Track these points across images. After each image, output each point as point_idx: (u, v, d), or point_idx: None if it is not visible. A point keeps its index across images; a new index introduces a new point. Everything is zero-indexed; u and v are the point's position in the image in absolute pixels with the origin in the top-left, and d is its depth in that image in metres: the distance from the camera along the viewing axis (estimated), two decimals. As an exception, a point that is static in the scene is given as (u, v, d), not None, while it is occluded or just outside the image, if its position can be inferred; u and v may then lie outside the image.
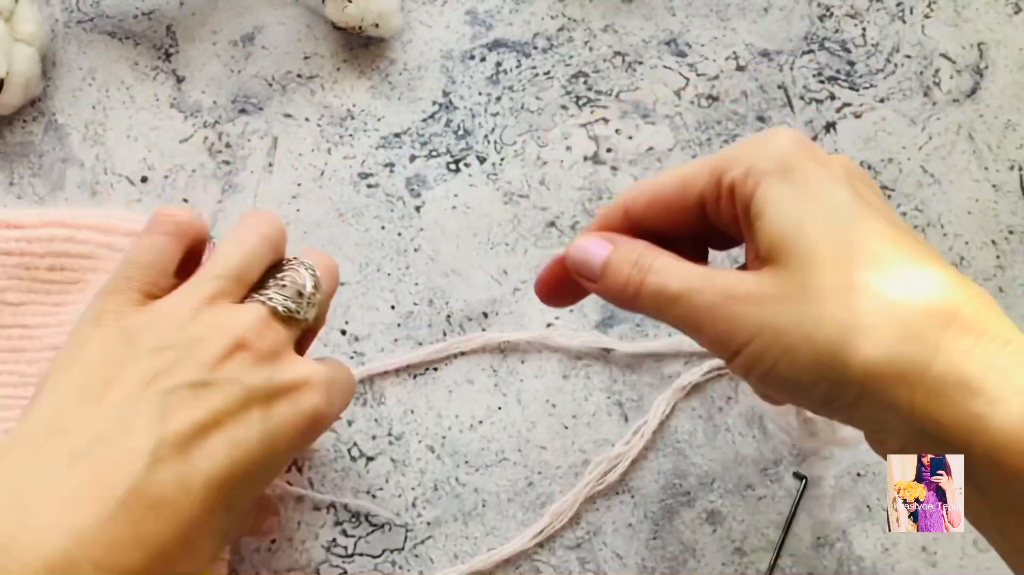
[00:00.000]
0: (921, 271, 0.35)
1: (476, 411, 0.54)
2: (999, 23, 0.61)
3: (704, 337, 0.37)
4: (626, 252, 0.39)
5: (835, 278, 0.35)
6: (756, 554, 0.52)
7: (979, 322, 0.34)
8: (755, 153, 0.38)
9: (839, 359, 0.34)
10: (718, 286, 0.37)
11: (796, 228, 0.36)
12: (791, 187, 0.37)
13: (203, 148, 0.58)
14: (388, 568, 0.52)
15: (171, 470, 0.35)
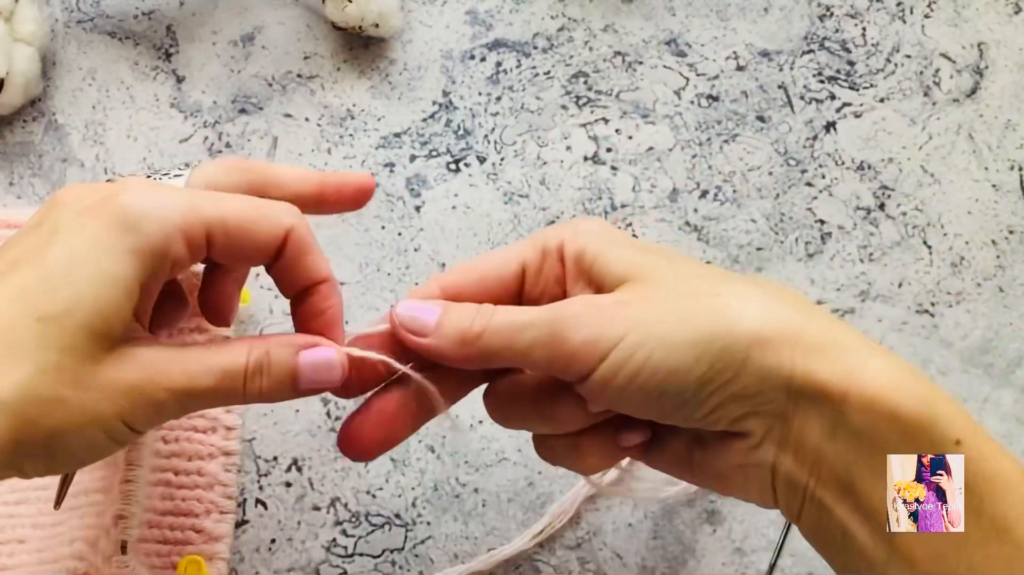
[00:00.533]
0: (772, 285, 0.39)
1: (476, 411, 0.54)
2: (999, 23, 0.61)
3: (566, 347, 0.37)
4: (463, 306, 0.39)
5: (697, 281, 0.38)
6: (756, 554, 0.52)
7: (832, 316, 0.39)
8: (575, 225, 0.41)
9: (723, 328, 0.36)
10: (578, 300, 0.38)
11: (641, 259, 0.38)
12: (620, 241, 0.40)
13: (203, 148, 0.58)
14: (388, 568, 0.52)
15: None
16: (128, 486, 0.47)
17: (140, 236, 0.36)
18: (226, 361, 0.38)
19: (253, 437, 0.54)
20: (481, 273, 0.41)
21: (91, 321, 0.36)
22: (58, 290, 0.36)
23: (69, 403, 0.35)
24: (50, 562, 0.49)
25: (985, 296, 0.57)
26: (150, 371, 0.36)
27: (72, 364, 0.35)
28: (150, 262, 0.37)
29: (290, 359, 0.38)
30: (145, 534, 0.49)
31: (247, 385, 0.38)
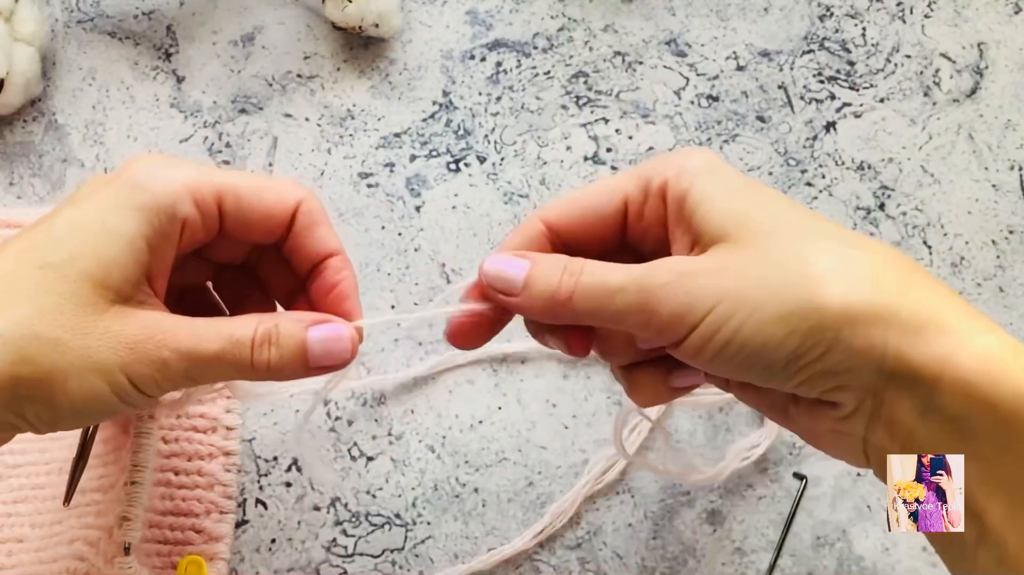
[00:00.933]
0: (870, 240, 0.37)
1: (476, 411, 0.54)
2: (999, 23, 0.61)
3: (657, 319, 0.36)
4: (550, 261, 0.38)
5: (793, 244, 0.36)
6: (756, 554, 0.52)
7: (932, 280, 0.36)
8: (680, 160, 0.39)
9: (815, 305, 0.34)
10: (667, 268, 0.36)
11: (742, 209, 0.37)
12: (724, 182, 0.38)
13: (203, 148, 0.58)
14: (388, 568, 0.52)
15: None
16: (133, 487, 0.47)
17: (146, 193, 0.37)
18: (234, 328, 0.38)
19: (253, 437, 0.54)
20: (583, 208, 0.40)
21: (92, 271, 0.36)
22: (61, 243, 0.37)
23: (68, 346, 0.36)
24: (49, 562, 0.49)
25: (985, 296, 0.56)
26: (155, 329, 0.37)
27: (72, 309, 0.36)
28: (156, 218, 0.37)
29: (299, 333, 0.38)
30: (145, 534, 0.49)
31: (255, 355, 0.38)
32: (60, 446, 0.52)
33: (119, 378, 0.36)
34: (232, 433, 0.53)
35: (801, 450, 0.53)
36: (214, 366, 0.38)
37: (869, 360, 0.34)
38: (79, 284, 0.36)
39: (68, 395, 0.36)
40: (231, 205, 0.39)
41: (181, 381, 0.38)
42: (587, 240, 0.41)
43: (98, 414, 0.38)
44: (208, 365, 0.37)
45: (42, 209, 0.56)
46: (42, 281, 0.36)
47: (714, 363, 0.36)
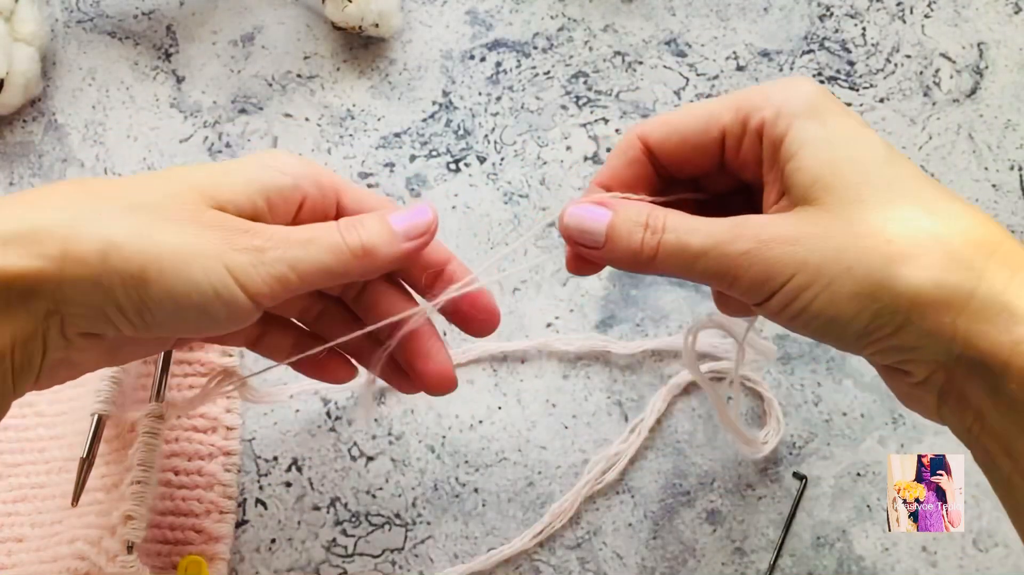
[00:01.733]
0: (958, 208, 0.36)
1: (476, 411, 0.54)
2: (999, 23, 0.61)
3: (740, 284, 0.37)
4: (631, 214, 0.38)
5: (876, 213, 0.35)
6: (756, 554, 0.52)
7: (1017, 256, 0.35)
8: (783, 95, 0.38)
9: (886, 287, 0.34)
10: (749, 233, 0.36)
11: (833, 168, 0.36)
12: (823, 129, 0.37)
13: (203, 148, 0.58)
14: (388, 568, 0.52)
15: None
16: (139, 487, 0.47)
17: (274, 161, 0.39)
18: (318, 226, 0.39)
19: (253, 437, 0.54)
20: (683, 134, 0.40)
21: (202, 183, 0.37)
22: (185, 169, 0.39)
23: (167, 227, 0.36)
24: (49, 561, 0.49)
25: (985, 296, 0.56)
26: (249, 223, 0.38)
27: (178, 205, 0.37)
28: (278, 177, 0.39)
29: (378, 215, 0.40)
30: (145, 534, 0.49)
31: (345, 235, 0.38)
32: (60, 445, 0.52)
33: (217, 267, 0.36)
34: (232, 433, 0.53)
35: (801, 450, 0.53)
36: (308, 248, 0.38)
37: (939, 342, 0.35)
38: (184, 187, 0.37)
39: (162, 275, 0.36)
40: (349, 201, 0.41)
41: (278, 268, 0.37)
42: (685, 162, 0.41)
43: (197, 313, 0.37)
44: (304, 248, 0.38)
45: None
46: (156, 185, 0.37)
47: (792, 326, 0.37)
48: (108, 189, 0.37)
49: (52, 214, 0.35)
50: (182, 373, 0.53)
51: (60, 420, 0.52)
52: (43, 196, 0.37)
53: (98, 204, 0.36)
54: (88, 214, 0.36)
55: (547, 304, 0.56)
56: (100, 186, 0.38)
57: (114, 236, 0.35)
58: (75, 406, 0.51)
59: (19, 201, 0.37)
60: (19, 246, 0.35)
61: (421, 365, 0.43)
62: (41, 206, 0.36)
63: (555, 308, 0.56)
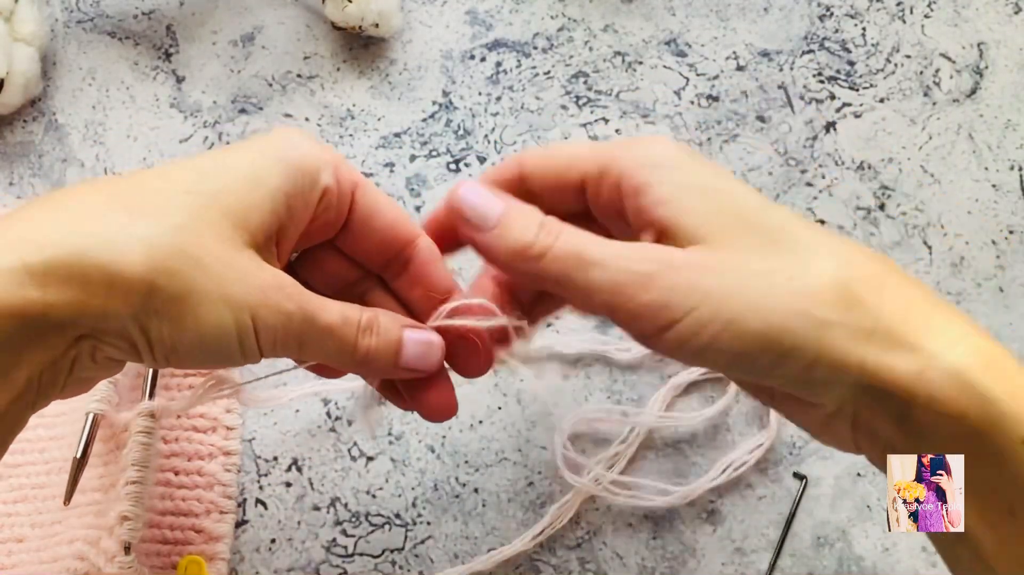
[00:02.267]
0: (845, 246, 0.37)
1: (476, 411, 0.54)
2: (999, 23, 0.61)
3: (632, 307, 0.35)
4: (529, 210, 0.38)
5: (772, 255, 0.36)
6: (756, 554, 0.52)
7: (909, 287, 0.36)
8: (639, 152, 0.38)
9: (792, 324, 0.35)
10: (653, 256, 0.36)
11: (719, 209, 0.36)
12: (688, 177, 0.37)
13: (203, 148, 0.58)
14: (388, 568, 0.52)
15: None
16: (135, 487, 0.47)
17: (295, 151, 0.38)
18: (345, 308, 0.38)
19: (253, 437, 0.54)
20: (551, 170, 0.40)
21: (234, 209, 0.36)
22: (208, 176, 0.37)
23: (209, 270, 0.35)
24: (49, 561, 0.49)
25: (985, 296, 0.56)
26: (285, 283, 0.37)
27: (214, 238, 0.36)
28: (300, 177, 0.38)
29: (396, 330, 0.39)
30: (145, 534, 0.49)
31: (359, 338, 0.38)
32: (60, 446, 0.52)
33: (246, 319, 0.36)
34: (232, 433, 0.53)
35: (801, 450, 0.53)
36: (324, 338, 0.38)
37: (844, 375, 0.35)
38: (221, 218, 0.36)
39: (197, 320, 0.35)
40: (363, 198, 0.40)
41: (291, 342, 0.37)
42: (550, 199, 0.40)
43: (214, 353, 0.37)
44: (320, 335, 0.37)
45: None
46: (189, 204, 0.36)
47: (689, 360, 0.37)
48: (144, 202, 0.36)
49: (94, 238, 0.34)
50: (182, 373, 0.53)
51: (60, 420, 0.52)
52: (81, 211, 0.35)
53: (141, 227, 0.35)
54: (132, 240, 0.34)
55: (547, 304, 0.56)
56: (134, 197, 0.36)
57: (158, 274, 0.34)
58: (75, 407, 0.51)
59: (55, 217, 0.35)
60: (62, 276, 0.34)
61: (423, 393, 0.42)
62: (81, 226, 0.35)
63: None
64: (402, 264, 0.42)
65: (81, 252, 0.34)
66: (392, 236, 0.41)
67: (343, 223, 0.41)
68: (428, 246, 0.41)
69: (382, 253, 0.42)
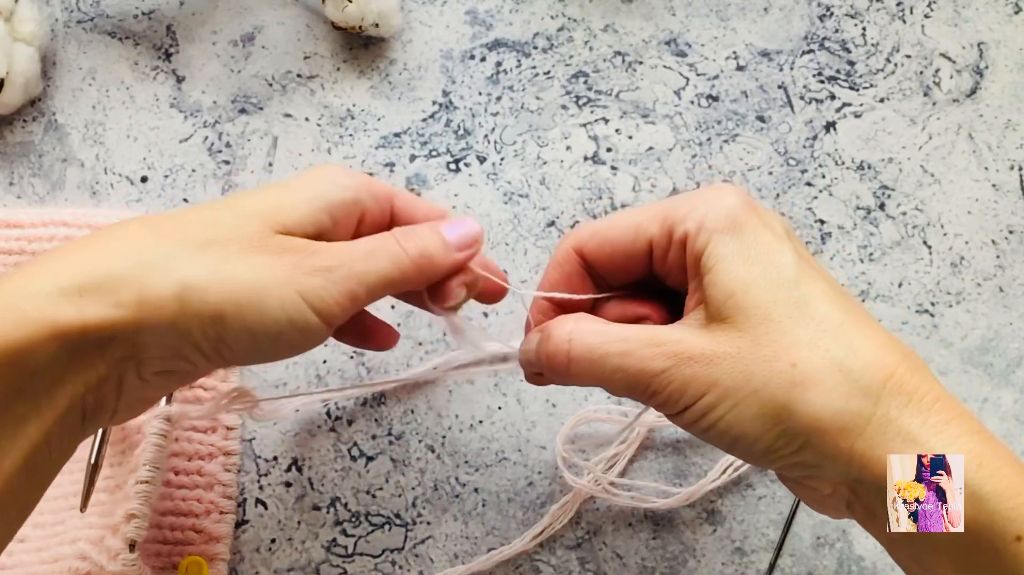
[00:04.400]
0: (862, 330, 0.38)
1: (476, 411, 0.54)
2: (999, 23, 0.61)
3: (655, 398, 0.39)
4: (556, 331, 0.41)
5: (783, 335, 0.37)
6: (756, 554, 0.52)
7: (912, 381, 0.37)
8: (706, 208, 0.40)
9: (787, 413, 0.37)
10: (667, 350, 0.38)
11: (745, 286, 0.38)
12: (740, 244, 0.39)
13: (203, 148, 0.58)
14: (388, 568, 0.52)
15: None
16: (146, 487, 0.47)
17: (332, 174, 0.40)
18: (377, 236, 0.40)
19: (253, 437, 0.54)
20: (613, 245, 0.42)
21: (264, 209, 0.38)
22: (238, 197, 0.39)
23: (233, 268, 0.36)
24: (50, 561, 0.49)
25: (985, 296, 0.57)
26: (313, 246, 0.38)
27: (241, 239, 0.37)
28: (339, 194, 0.39)
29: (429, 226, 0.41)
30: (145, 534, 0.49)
31: (403, 243, 0.39)
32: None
33: (291, 295, 0.36)
34: (232, 433, 0.53)
35: (801, 450, 0.53)
36: (371, 261, 0.39)
37: (838, 464, 0.37)
38: (249, 217, 0.38)
39: (242, 317, 0.36)
40: (400, 206, 0.42)
41: (349, 293, 0.38)
42: (617, 271, 0.43)
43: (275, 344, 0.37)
44: (366, 260, 0.38)
45: (42, 209, 0.56)
46: (215, 218, 0.37)
47: (702, 438, 0.39)
48: (175, 228, 0.37)
49: (124, 260, 0.36)
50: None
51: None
52: (112, 240, 0.37)
53: (168, 245, 0.36)
54: (160, 257, 0.36)
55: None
56: (167, 225, 0.38)
57: (188, 278, 0.35)
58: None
59: (88, 247, 0.37)
60: (95, 296, 0.35)
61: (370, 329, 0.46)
62: (112, 252, 0.36)
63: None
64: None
65: (110, 271, 0.35)
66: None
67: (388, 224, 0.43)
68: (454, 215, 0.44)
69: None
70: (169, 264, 0.36)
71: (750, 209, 0.40)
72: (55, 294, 0.34)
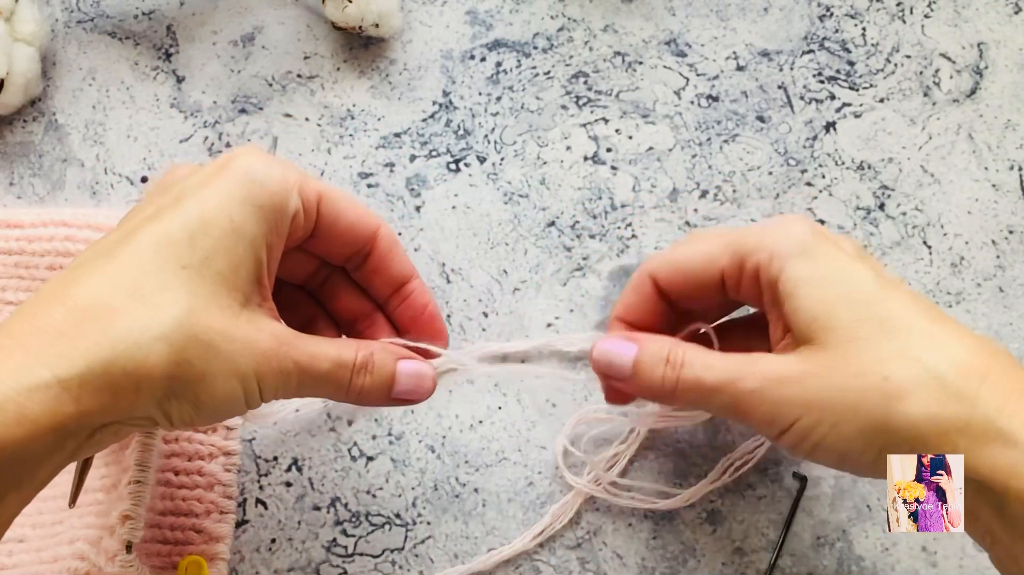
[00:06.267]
0: (950, 336, 0.38)
1: (476, 411, 0.54)
2: (999, 23, 0.61)
3: (751, 420, 0.39)
4: (654, 349, 0.41)
5: (872, 351, 0.38)
6: (756, 554, 0.52)
7: (1008, 380, 0.37)
8: (775, 238, 0.40)
9: (886, 426, 0.37)
10: (758, 372, 0.39)
11: (828, 307, 0.38)
12: (816, 268, 0.39)
13: (203, 148, 0.58)
14: (388, 568, 0.52)
15: None
16: (137, 487, 0.47)
17: (263, 190, 0.39)
18: (340, 351, 0.40)
19: (253, 437, 0.54)
20: (686, 273, 0.43)
21: (225, 273, 0.38)
22: (196, 241, 0.38)
23: (219, 349, 0.37)
24: (50, 561, 0.49)
25: (985, 296, 0.57)
26: (282, 340, 0.39)
27: (216, 312, 0.37)
28: (273, 216, 0.39)
29: (391, 364, 0.42)
30: (145, 534, 0.49)
31: (353, 379, 0.40)
32: (60, 446, 0.52)
33: (252, 383, 0.38)
34: (232, 433, 0.53)
35: (801, 450, 0.53)
36: (320, 383, 0.40)
37: None
38: (216, 286, 0.38)
39: (212, 396, 0.37)
40: (327, 207, 0.42)
41: (292, 391, 0.40)
42: (691, 298, 0.44)
43: (224, 415, 0.39)
44: (316, 381, 0.40)
45: (42, 209, 0.56)
46: (187, 282, 0.37)
47: (808, 459, 0.40)
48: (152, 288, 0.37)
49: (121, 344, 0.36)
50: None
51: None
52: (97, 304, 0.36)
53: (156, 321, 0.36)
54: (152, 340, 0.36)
55: (547, 304, 0.56)
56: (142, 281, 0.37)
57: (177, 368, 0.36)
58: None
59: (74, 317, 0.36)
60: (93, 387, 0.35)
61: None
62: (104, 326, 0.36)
63: (555, 308, 0.56)
64: (363, 257, 0.44)
65: (109, 362, 0.35)
66: (355, 235, 0.43)
67: (311, 231, 0.42)
68: (387, 234, 0.44)
69: (345, 250, 0.44)
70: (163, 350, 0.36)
71: (819, 234, 0.40)
72: (55, 387, 0.35)
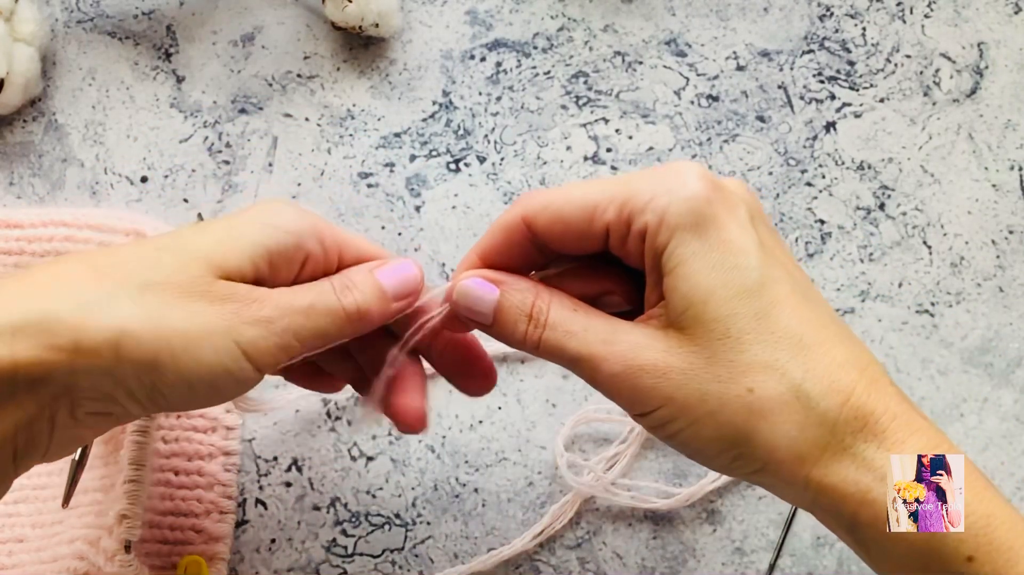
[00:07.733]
0: (821, 348, 0.37)
1: (476, 411, 0.54)
2: (999, 23, 0.61)
3: (613, 399, 0.39)
4: (516, 301, 0.39)
5: (741, 356, 0.37)
6: (756, 554, 0.52)
7: (869, 400, 0.37)
8: (668, 198, 0.37)
9: (744, 439, 0.37)
10: (619, 354, 0.37)
11: (704, 299, 0.37)
12: (702, 245, 0.37)
13: (203, 148, 0.58)
14: (388, 568, 0.52)
15: None
16: (133, 486, 0.47)
17: (277, 217, 0.39)
18: (313, 284, 0.40)
19: (253, 437, 0.54)
20: (567, 223, 0.39)
21: (206, 252, 0.37)
22: (184, 234, 0.38)
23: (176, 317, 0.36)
24: (49, 561, 0.49)
25: (985, 296, 0.57)
26: (256, 293, 0.38)
27: (179, 279, 0.36)
28: (281, 237, 0.39)
29: (369, 275, 0.40)
30: (145, 534, 0.49)
31: (341, 297, 0.39)
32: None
33: (229, 345, 0.36)
34: (232, 433, 0.53)
35: (801, 450, 0.53)
36: (311, 316, 0.38)
37: (794, 488, 0.37)
38: (190, 260, 0.37)
39: (177, 365, 0.36)
40: (349, 256, 0.41)
41: (283, 345, 0.38)
42: (568, 246, 0.40)
43: (209, 391, 0.38)
44: (306, 315, 0.38)
45: (42, 209, 0.56)
46: (157, 259, 0.37)
47: (665, 443, 0.39)
48: (116, 268, 0.37)
49: (62, 301, 0.35)
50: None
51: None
52: (51, 278, 0.37)
53: (108, 287, 0.36)
54: (99, 300, 0.35)
55: (547, 304, 0.56)
56: (108, 264, 0.37)
57: (126, 324, 0.35)
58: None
59: (27, 284, 0.36)
60: (29, 335, 0.34)
61: (395, 398, 0.43)
62: (50, 291, 0.36)
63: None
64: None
65: (47, 312, 0.35)
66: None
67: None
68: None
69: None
70: (108, 307, 0.35)
71: (714, 193, 0.37)
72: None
